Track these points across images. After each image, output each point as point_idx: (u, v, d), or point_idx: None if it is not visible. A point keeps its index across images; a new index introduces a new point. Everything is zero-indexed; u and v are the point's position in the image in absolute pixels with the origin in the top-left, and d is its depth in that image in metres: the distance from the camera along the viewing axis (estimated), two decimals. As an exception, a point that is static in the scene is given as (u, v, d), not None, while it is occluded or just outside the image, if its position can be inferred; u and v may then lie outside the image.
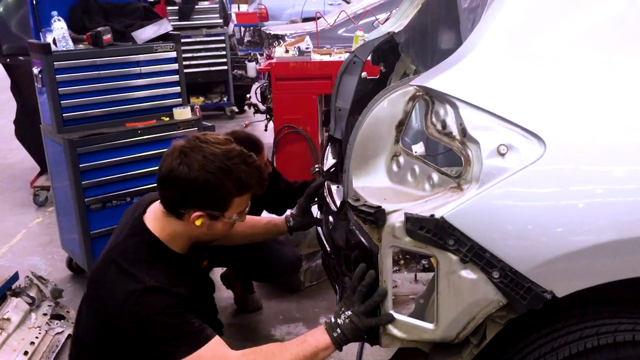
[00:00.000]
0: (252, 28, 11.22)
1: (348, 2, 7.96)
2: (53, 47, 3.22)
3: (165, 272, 1.75)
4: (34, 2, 3.41)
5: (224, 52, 7.09)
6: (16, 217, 4.72)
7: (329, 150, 2.54)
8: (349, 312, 1.63)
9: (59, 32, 3.24)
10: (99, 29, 3.34)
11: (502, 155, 1.42)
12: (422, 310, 1.63)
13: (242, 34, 11.08)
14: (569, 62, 1.52)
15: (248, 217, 2.27)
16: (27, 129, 5.01)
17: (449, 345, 1.57)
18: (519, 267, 1.41)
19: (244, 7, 13.36)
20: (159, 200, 1.85)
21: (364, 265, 1.60)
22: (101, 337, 1.80)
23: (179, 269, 1.82)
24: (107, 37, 3.35)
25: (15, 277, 3.17)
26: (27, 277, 3.19)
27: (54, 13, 3.27)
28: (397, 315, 1.59)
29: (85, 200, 3.28)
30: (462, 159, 1.48)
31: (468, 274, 1.45)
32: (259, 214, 3.17)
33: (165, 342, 1.67)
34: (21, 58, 4.69)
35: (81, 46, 3.36)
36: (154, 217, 1.83)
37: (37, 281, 3.17)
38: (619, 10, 1.57)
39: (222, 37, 7.08)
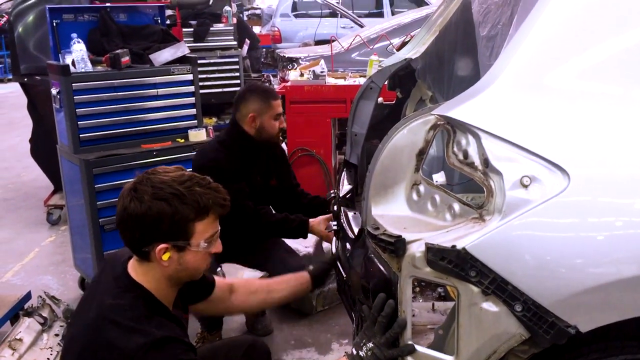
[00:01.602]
0: (264, 50, 11.33)
1: (361, 26, 8.02)
2: (72, 69, 3.27)
3: (168, 324, 1.66)
4: (54, 24, 3.46)
5: (237, 74, 7.15)
6: (29, 235, 4.74)
7: (344, 175, 2.54)
8: (371, 344, 1.60)
9: (78, 54, 3.29)
10: (117, 51, 3.39)
11: (526, 186, 1.41)
12: (441, 342, 1.60)
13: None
14: (591, 95, 1.51)
15: (265, 281, 2.20)
16: (42, 148, 5.06)
17: (469, 378, 1.54)
18: (542, 301, 1.39)
19: (256, 29, 13.50)
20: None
21: (384, 295, 1.58)
22: None
23: (174, 322, 1.71)
24: (125, 59, 3.40)
25: (27, 296, 3.18)
26: (40, 297, 3.18)
27: (74, 35, 3.31)
28: (417, 347, 1.57)
29: (100, 220, 3.30)
30: (484, 189, 1.47)
31: (490, 306, 1.43)
32: (269, 193, 3.13)
33: None
34: (38, 77, 4.76)
35: (99, 68, 3.41)
36: (134, 270, 1.71)
37: (49, 301, 3.17)
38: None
39: (236, 59, 7.15)
